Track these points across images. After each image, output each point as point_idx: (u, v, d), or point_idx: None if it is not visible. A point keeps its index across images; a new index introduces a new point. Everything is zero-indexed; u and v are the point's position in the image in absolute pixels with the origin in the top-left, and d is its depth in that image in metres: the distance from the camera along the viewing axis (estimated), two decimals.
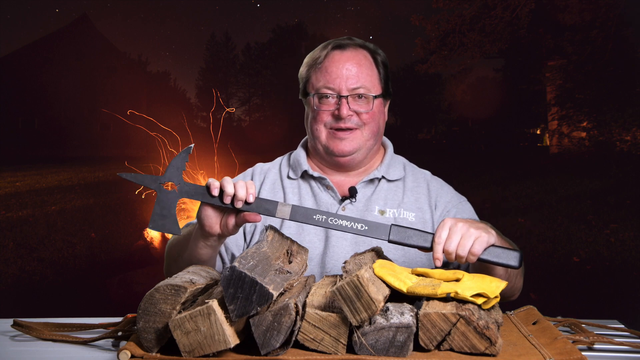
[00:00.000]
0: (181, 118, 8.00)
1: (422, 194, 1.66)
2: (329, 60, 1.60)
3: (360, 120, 1.58)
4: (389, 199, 1.63)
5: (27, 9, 29.67)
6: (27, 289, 5.82)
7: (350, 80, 1.57)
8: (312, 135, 1.64)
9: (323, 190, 1.64)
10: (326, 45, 1.64)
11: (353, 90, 1.57)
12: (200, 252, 1.38)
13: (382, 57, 1.67)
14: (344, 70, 1.58)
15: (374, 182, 1.65)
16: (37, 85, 30.51)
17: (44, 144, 28.84)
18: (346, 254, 1.56)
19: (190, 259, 1.41)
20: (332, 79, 1.58)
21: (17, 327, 1.23)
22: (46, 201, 11.21)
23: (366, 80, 1.59)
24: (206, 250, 1.37)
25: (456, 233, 1.20)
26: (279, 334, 1.00)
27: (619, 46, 13.02)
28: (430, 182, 1.70)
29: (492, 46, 13.51)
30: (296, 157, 1.70)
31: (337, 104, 1.57)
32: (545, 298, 5.18)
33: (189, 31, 42.53)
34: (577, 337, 1.17)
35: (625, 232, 7.48)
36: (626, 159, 13.16)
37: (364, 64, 1.61)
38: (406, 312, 1.02)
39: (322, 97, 1.59)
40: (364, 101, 1.58)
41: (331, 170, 1.67)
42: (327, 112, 1.59)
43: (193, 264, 1.39)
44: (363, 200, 1.62)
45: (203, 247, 1.36)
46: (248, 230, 1.63)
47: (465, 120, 32.13)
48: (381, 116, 1.65)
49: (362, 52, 1.63)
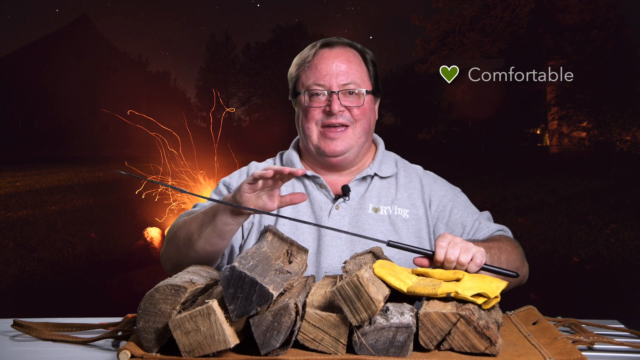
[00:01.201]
0: (181, 118, 7.99)
1: (415, 189, 1.66)
2: (318, 58, 1.61)
3: (352, 116, 1.58)
4: (383, 196, 1.63)
5: (27, 9, 29.66)
6: (27, 289, 5.82)
7: (341, 76, 1.58)
8: (303, 134, 1.63)
9: (317, 189, 1.64)
10: (314, 44, 1.65)
11: (343, 86, 1.57)
12: (225, 229, 1.34)
13: (370, 55, 1.68)
14: (334, 67, 1.58)
15: (366, 180, 1.65)
16: (37, 85, 30.46)
17: (44, 144, 28.79)
18: (341, 252, 1.56)
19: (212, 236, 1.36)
20: (322, 75, 1.58)
21: (17, 327, 1.23)
22: (46, 201, 11.20)
23: (356, 76, 1.59)
24: (231, 227, 1.34)
25: (457, 245, 1.22)
26: (279, 334, 1.00)
27: (619, 46, 13.01)
28: (423, 177, 1.70)
29: (492, 46, 13.50)
30: (289, 157, 1.70)
31: (327, 101, 1.57)
32: (545, 298, 5.18)
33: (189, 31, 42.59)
34: (577, 337, 1.17)
35: (625, 232, 7.47)
36: (626, 159, 13.14)
37: (353, 61, 1.62)
38: (406, 312, 1.02)
39: (313, 94, 1.59)
40: (354, 97, 1.59)
41: (324, 170, 1.67)
42: (318, 108, 1.59)
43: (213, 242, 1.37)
44: (356, 199, 1.62)
45: (230, 224, 1.33)
46: (246, 227, 1.62)
47: (465, 120, 32.08)
48: (372, 113, 1.65)
49: (350, 50, 1.64)
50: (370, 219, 1.59)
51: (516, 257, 1.48)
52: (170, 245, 1.52)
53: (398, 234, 1.58)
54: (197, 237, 1.39)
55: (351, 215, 1.59)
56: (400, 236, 1.57)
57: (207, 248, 1.40)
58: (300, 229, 1.58)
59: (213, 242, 1.38)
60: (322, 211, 1.60)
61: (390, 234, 1.57)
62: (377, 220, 1.59)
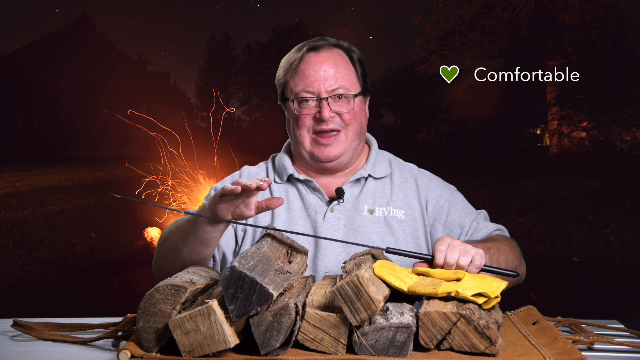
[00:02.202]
0: (181, 118, 7.98)
1: (410, 189, 1.65)
2: (304, 63, 1.59)
3: (343, 121, 1.58)
4: (377, 197, 1.62)
5: (27, 9, 29.64)
6: (27, 289, 5.82)
7: (329, 81, 1.57)
8: (296, 141, 1.62)
9: (310, 193, 1.63)
10: (300, 47, 1.63)
11: (332, 92, 1.56)
12: (207, 237, 1.35)
13: (357, 54, 1.66)
14: (321, 72, 1.57)
15: (360, 182, 1.64)
16: (37, 85, 30.43)
17: (44, 144, 28.75)
18: (337, 255, 1.55)
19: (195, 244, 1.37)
20: (310, 82, 1.57)
21: (17, 327, 1.23)
22: (46, 201, 11.20)
23: (344, 80, 1.58)
24: (213, 235, 1.35)
25: (455, 248, 1.22)
26: (279, 334, 1.00)
27: (619, 46, 13.00)
28: (418, 176, 1.69)
29: (492, 46, 13.50)
30: (281, 161, 1.69)
31: (317, 107, 1.57)
32: (545, 298, 5.18)
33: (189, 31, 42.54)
34: (577, 337, 1.17)
35: (625, 232, 7.47)
36: (626, 159, 13.14)
37: (340, 64, 1.60)
38: (406, 312, 1.02)
39: (302, 101, 1.58)
40: (344, 101, 1.58)
41: (316, 173, 1.66)
42: (309, 115, 1.58)
43: (197, 250, 1.38)
44: (351, 201, 1.61)
45: (211, 232, 1.34)
46: (239, 233, 1.62)
47: (465, 120, 32.10)
48: (363, 114, 1.64)
49: (337, 51, 1.63)
50: (365, 220, 1.58)
51: (514, 256, 1.47)
52: (159, 254, 1.54)
53: (394, 235, 1.57)
54: (181, 245, 1.41)
55: (346, 217, 1.58)
56: (396, 237, 1.57)
57: (192, 256, 1.40)
58: (295, 230, 1.58)
59: (197, 250, 1.39)
60: (317, 214, 1.59)
61: (386, 235, 1.56)
62: (372, 222, 1.58)
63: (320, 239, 1.56)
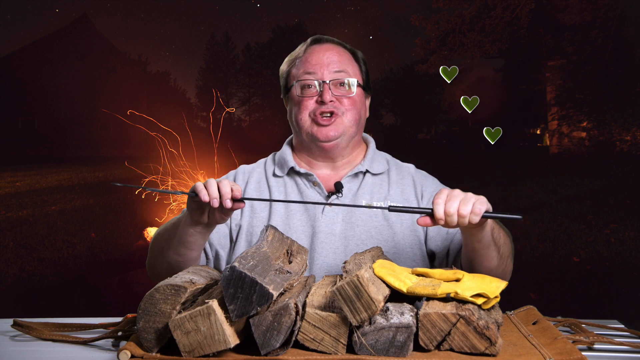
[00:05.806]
0: (181, 118, 7.98)
1: (407, 185, 1.67)
2: (308, 52, 1.65)
3: (342, 106, 1.61)
4: (375, 192, 1.64)
5: (27, 9, 29.68)
6: (27, 289, 5.82)
7: (332, 65, 1.61)
8: (297, 126, 1.65)
9: (309, 187, 1.65)
10: (304, 42, 1.69)
11: (335, 74, 1.60)
12: (189, 240, 1.39)
13: (360, 54, 1.71)
14: (325, 58, 1.62)
15: (358, 177, 1.66)
16: (37, 85, 30.44)
17: (44, 144, 28.76)
18: (335, 249, 1.56)
19: (179, 246, 1.42)
20: (313, 65, 1.61)
21: (17, 327, 1.23)
22: (46, 201, 11.20)
23: (347, 66, 1.63)
24: (195, 238, 1.39)
25: (455, 197, 1.21)
26: (279, 334, 1.00)
27: (619, 46, 13.01)
28: (415, 174, 1.72)
29: (492, 46, 13.50)
30: (282, 154, 1.71)
31: (319, 91, 1.60)
32: (545, 298, 5.18)
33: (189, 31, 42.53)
34: (577, 337, 1.17)
35: (625, 232, 7.48)
36: (626, 159, 13.14)
37: (343, 54, 1.66)
38: (406, 312, 1.02)
39: (305, 86, 1.61)
40: (345, 89, 1.61)
41: (317, 163, 1.68)
42: (311, 99, 1.61)
43: (180, 252, 1.42)
44: (349, 195, 1.63)
45: (192, 235, 1.38)
46: (234, 229, 1.63)
47: (465, 120, 32.17)
48: (362, 107, 1.67)
49: (340, 46, 1.68)
50: (363, 215, 1.60)
51: (508, 246, 1.47)
52: (150, 255, 1.59)
53: (392, 229, 1.58)
54: (167, 247, 1.45)
55: (345, 211, 1.60)
56: (394, 231, 1.58)
57: (177, 258, 1.45)
58: (292, 227, 1.59)
59: (181, 252, 1.43)
60: (316, 208, 1.61)
61: (384, 229, 1.58)
62: (370, 216, 1.60)
63: (318, 234, 1.57)
